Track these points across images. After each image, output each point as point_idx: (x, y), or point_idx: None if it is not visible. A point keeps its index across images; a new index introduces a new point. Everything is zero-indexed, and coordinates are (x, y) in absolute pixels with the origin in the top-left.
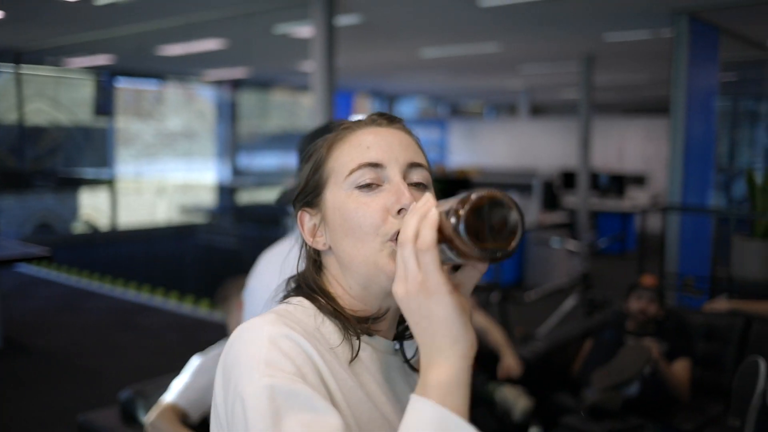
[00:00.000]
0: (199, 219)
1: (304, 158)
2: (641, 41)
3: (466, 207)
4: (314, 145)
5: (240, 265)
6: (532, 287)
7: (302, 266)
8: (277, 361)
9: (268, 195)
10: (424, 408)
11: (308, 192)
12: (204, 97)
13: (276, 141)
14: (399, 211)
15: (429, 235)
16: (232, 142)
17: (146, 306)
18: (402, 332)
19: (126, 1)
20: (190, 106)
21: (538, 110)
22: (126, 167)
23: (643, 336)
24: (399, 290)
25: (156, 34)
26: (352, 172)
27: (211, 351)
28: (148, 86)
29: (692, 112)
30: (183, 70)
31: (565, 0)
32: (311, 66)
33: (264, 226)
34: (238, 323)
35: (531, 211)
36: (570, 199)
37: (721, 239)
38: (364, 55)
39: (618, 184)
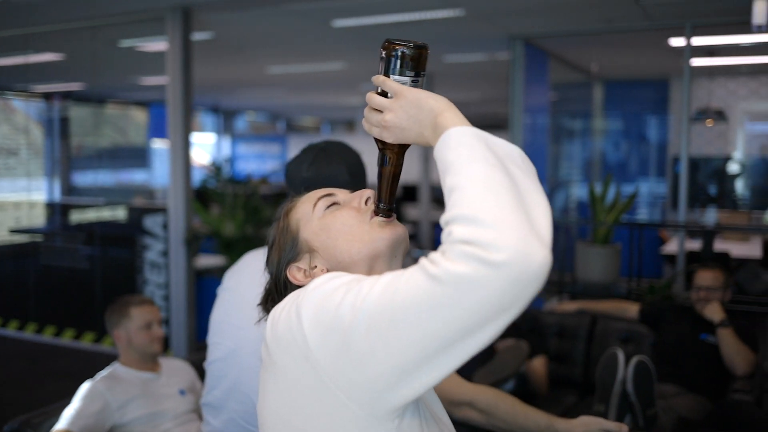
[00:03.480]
0: (30, 240)
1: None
2: (478, 62)
3: (387, 43)
4: (269, 235)
5: (88, 286)
6: None
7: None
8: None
9: (107, 212)
10: (449, 134)
11: (287, 251)
12: (30, 112)
13: (110, 157)
14: (366, 201)
15: (380, 77)
16: (63, 159)
17: None
18: None
19: None
20: (11, 121)
21: None
22: None
23: (504, 337)
24: (388, 117)
25: None
26: (315, 205)
27: (100, 375)
28: None
29: (527, 129)
30: (6, 83)
31: (411, 23)
32: (167, 81)
33: (107, 245)
34: (121, 352)
35: None
36: (412, 212)
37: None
38: (210, 71)
39: None
